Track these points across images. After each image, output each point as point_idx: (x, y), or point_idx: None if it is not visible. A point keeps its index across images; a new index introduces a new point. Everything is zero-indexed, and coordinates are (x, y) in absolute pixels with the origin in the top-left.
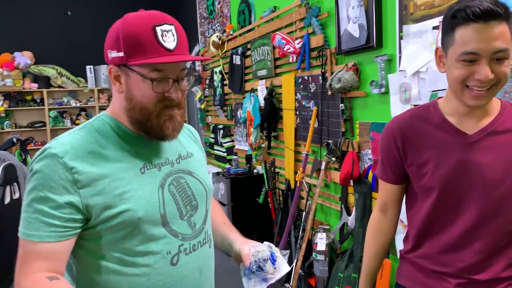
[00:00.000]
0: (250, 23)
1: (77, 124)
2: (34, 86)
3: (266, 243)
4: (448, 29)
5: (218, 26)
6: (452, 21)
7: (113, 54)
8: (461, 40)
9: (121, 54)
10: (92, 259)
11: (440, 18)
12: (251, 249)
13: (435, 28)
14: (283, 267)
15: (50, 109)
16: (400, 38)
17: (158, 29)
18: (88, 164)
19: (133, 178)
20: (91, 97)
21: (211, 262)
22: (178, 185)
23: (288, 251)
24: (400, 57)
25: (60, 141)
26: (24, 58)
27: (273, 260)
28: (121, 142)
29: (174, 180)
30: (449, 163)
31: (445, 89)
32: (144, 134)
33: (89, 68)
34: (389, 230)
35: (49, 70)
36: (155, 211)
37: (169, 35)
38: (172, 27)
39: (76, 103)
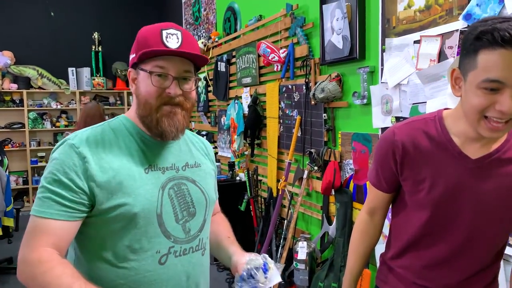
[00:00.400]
0: (235, 30)
1: (57, 127)
2: (14, 87)
3: (263, 254)
4: (469, 50)
5: (203, 32)
6: (476, 43)
7: (131, 57)
8: (484, 65)
9: (134, 55)
10: (91, 246)
11: (422, 33)
12: (246, 258)
13: (416, 42)
14: (274, 278)
15: (29, 110)
16: (383, 50)
17: (164, 32)
18: (99, 156)
19: (137, 176)
20: (72, 100)
21: (203, 270)
22: (178, 190)
23: (283, 265)
24: (382, 69)
25: (79, 134)
26: (4, 57)
27: (265, 270)
28: (132, 142)
29: (176, 185)
30: (447, 185)
31: (425, 102)
32: (147, 131)
33: (71, 70)
34: (375, 233)
35: (29, 71)
36: (152, 210)
37: (173, 38)
38: (178, 32)
39: (57, 105)
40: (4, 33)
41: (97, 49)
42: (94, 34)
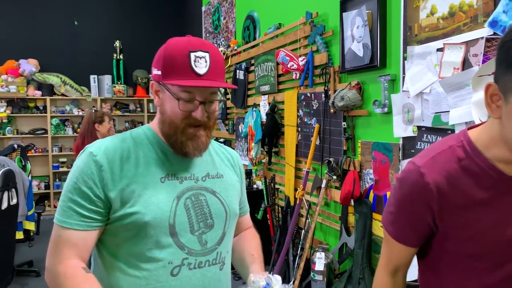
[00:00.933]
0: (254, 39)
1: (78, 133)
2: (38, 94)
3: (267, 275)
4: None
5: (223, 41)
6: None
7: (154, 71)
8: None
9: (159, 72)
10: (106, 253)
11: (445, 40)
12: (250, 279)
13: (439, 50)
14: None
15: (52, 117)
16: (404, 58)
17: (192, 54)
18: (115, 165)
19: (151, 185)
20: (93, 106)
21: (220, 285)
22: (195, 201)
23: (291, 285)
24: (403, 78)
25: (98, 143)
26: (29, 65)
27: None
28: (151, 151)
29: (193, 195)
30: (508, 220)
31: (448, 111)
32: (171, 148)
33: (92, 78)
34: None
35: (53, 78)
36: (164, 220)
37: (201, 61)
38: (206, 54)
39: (78, 111)
40: (30, 41)
41: (118, 57)
42: (116, 43)
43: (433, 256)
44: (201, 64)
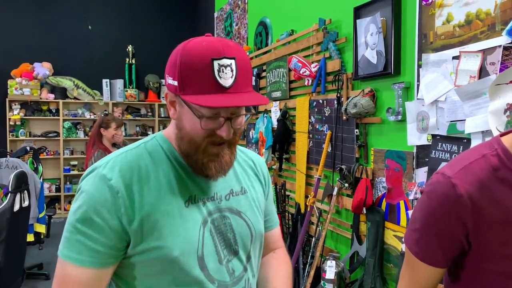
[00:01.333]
0: (266, 45)
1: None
2: (51, 97)
3: None
4: None
5: None
6: None
7: (169, 80)
8: None
9: (176, 83)
10: (122, 286)
11: (461, 48)
12: None
13: (455, 58)
14: None
15: (64, 120)
16: (419, 66)
17: (215, 63)
18: (133, 189)
19: (176, 212)
20: (105, 110)
21: None
22: (219, 225)
23: None
24: (418, 85)
25: (110, 162)
26: (43, 68)
27: None
28: (171, 169)
29: (217, 218)
30: None
31: (464, 120)
32: (190, 167)
33: (105, 82)
34: None
35: (66, 82)
36: (193, 252)
37: (226, 71)
38: (232, 62)
39: (90, 115)
40: (44, 45)
41: (130, 61)
42: (128, 47)
43: (463, 278)
44: (226, 74)
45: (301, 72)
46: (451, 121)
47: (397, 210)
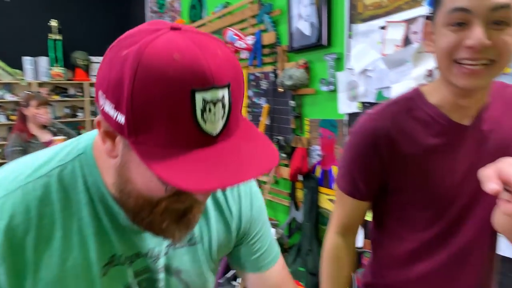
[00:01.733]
0: (201, 18)
1: (13, 121)
2: None
3: None
4: None
5: (168, 20)
6: None
7: (107, 107)
8: None
9: (123, 120)
10: None
11: (387, 18)
12: None
13: (382, 28)
14: None
15: None
16: (349, 37)
17: (199, 97)
18: (26, 256)
19: (89, 280)
20: (28, 91)
21: None
22: None
23: None
24: (348, 56)
25: (6, 205)
26: None
27: None
28: (91, 218)
29: (145, 280)
30: (457, 168)
31: (390, 87)
32: (131, 222)
33: (27, 60)
34: (351, 259)
35: None
36: None
37: (216, 110)
38: (224, 93)
39: (12, 97)
40: None
41: (56, 37)
42: (52, 22)
43: (380, 211)
44: (214, 116)
45: (237, 45)
46: (378, 89)
47: (330, 175)
